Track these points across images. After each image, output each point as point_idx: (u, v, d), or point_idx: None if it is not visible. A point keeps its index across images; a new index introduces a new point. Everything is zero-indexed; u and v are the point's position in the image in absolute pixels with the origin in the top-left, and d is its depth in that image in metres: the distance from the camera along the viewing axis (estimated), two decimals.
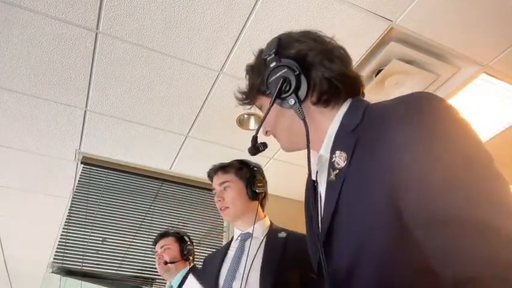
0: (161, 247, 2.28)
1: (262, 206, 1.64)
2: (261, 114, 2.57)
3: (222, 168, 1.66)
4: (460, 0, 1.84)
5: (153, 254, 3.09)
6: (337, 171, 0.74)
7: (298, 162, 2.90)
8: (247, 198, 1.58)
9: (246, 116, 2.58)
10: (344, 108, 0.82)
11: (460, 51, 2.08)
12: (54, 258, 2.80)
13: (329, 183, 0.75)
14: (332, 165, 0.76)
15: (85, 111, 2.52)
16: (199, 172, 3.16)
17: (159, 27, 1.97)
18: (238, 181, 1.60)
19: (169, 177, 3.20)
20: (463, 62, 2.14)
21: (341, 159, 0.74)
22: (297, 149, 0.90)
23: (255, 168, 1.66)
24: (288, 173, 3.05)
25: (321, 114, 0.84)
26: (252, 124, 2.64)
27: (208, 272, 1.60)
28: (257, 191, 1.58)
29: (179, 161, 3.03)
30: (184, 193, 3.27)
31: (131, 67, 2.20)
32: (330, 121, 0.82)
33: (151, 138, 2.79)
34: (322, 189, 0.82)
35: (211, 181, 1.69)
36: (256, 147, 0.93)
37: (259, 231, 1.56)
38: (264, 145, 0.96)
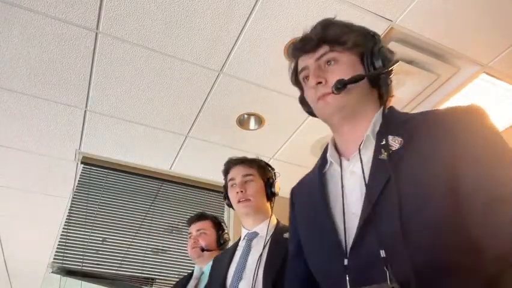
0: (198, 230, 2.11)
1: (271, 208, 1.64)
2: (260, 114, 2.57)
3: (248, 161, 1.64)
4: (460, 0, 1.84)
5: (153, 254, 3.10)
6: (390, 151, 0.79)
7: (298, 162, 2.90)
8: (264, 197, 1.59)
9: (246, 116, 2.58)
10: (380, 108, 0.91)
11: (460, 51, 2.08)
12: (54, 258, 2.80)
13: (379, 161, 0.80)
14: (383, 147, 0.80)
15: (85, 111, 2.52)
16: (199, 172, 3.16)
17: (159, 27, 1.97)
18: (259, 178, 1.61)
19: (169, 177, 3.20)
20: (463, 62, 2.14)
21: (395, 142, 0.80)
22: (334, 109, 0.89)
23: (274, 171, 1.68)
24: (287, 173, 3.04)
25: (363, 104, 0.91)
26: (252, 124, 2.64)
27: (217, 274, 1.59)
28: (275, 191, 1.60)
29: (179, 161, 3.03)
30: (184, 193, 3.27)
31: (131, 67, 2.20)
32: (376, 111, 0.90)
33: (151, 138, 2.79)
34: (355, 170, 0.85)
35: (228, 172, 1.65)
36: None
37: (266, 230, 1.54)
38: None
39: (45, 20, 1.92)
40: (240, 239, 1.64)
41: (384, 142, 0.81)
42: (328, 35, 0.91)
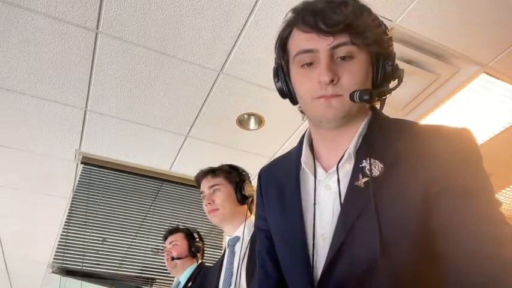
0: (170, 243, 2.28)
1: (250, 210, 1.63)
2: (260, 114, 2.56)
3: (212, 171, 1.66)
4: (460, 0, 1.84)
5: (153, 254, 3.10)
6: (367, 178, 0.72)
7: None
8: (236, 202, 1.59)
9: (246, 116, 2.58)
10: (369, 113, 0.82)
11: (460, 51, 2.08)
12: (54, 258, 2.80)
13: (354, 188, 0.73)
14: (361, 171, 0.73)
15: (85, 111, 2.52)
16: None
17: (159, 27, 1.97)
18: (227, 184, 1.61)
19: (169, 177, 3.20)
20: (463, 62, 2.14)
21: (375, 168, 0.72)
22: (339, 115, 0.76)
23: (244, 173, 1.67)
24: None
25: (359, 110, 0.80)
26: (252, 124, 2.64)
27: (210, 285, 1.62)
28: (246, 194, 1.58)
29: (179, 161, 3.03)
30: (184, 193, 3.27)
31: (131, 67, 2.20)
32: (362, 120, 0.80)
33: (151, 138, 2.79)
34: (331, 186, 0.78)
35: (199, 185, 1.69)
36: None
37: (247, 232, 1.56)
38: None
39: (45, 20, 1.92)
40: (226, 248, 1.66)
41: (363, 164, 0.74)
42: (355, 23, 0.73)
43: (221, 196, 1.58)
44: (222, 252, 1.73)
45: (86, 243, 2.87)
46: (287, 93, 0.85)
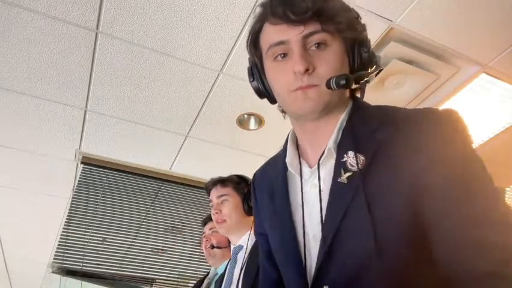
0: (210, 229, 2.13)
1: None
2: (260, 114, 2.56)
3: (221, 181, 1.70)
4: (460, 0, 1.84)
5: (153, 254, 3.10)
6: (350, 173, 0.69)
7: None
8: (243, 213, 1.62)
9: (246, 116, 2.58)
10: (350, 103, 0.80)
11: (460, 51, 2.08)
12: (54, 258, 2.80)
13: (338, 185, 0.70)
14: (343, 166, 0.71)
15: (85, 111, 2.52)
16: (199, 172, 3.15)
17: (159, 27, 1.97)
18: (235, 195, 1.65)
19: (169, 177, 3.20)
20: (463, 62, 2.14)
21: (358, 160, 0.69)
22: (318, 107, 0.74)
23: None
24: None
25: (340, 100, 0.77)
26: (252, 124, 2.64)
27: None
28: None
29: (179, 161, 3.03)
30: (184, 193, 3.27)
31: (131, 67, 2.20)
32: (343, 111, 0.77)
33: (151, 138, 2.79)
34: (314, 186, 0.76)
35: (209, 193, 1.72)
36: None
37: (251, 242, 1.57)
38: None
39: (45, 20, 1.92)
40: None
41: (344, 159, 0.71)
42: (325, 9, 0.71)
43: (228, 206, 1.62)
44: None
45: (86, 243, 2.87)
46: (264, 91, 0.83)
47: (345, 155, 0.71)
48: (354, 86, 0.74)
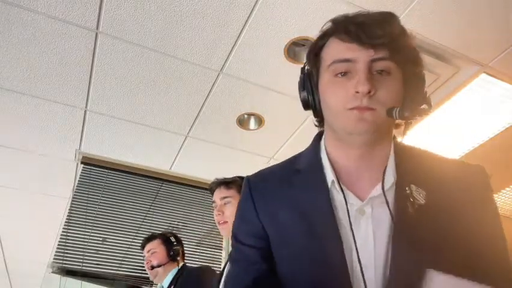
0: (148, 251, 2.29)
1: None
2: (260, 114, 2.56)
3: (225, 183, 1.70)
4: (460, 0, 1.84)
5: None
6: (416, 206, 0.72)
7: None
8: None
9: (246, 116, 2.58)
10: (392, 138, 0.83)
11: (460, 51, 2.08)
12: (54, 258, 2.80)
13: (406, 217, 0.72)
14: (407, 198, 0.73)
15: (85, 111, 2.52)
16: (199, 172, 3.16)
17: (159, 27, 1.97)
18: (239, 197, 1.64)
19: (169, 177, 3.20)
20: (463, 62, 2.14)
21: (419, 194, 0.73)
22: (371, 128, 0.74)
23: None
24: None
25: (387, 132, 0.81)
26: (252, 124, 2.64)
27: None
28: None
29: (179, 161, 3.03)
30: (184, 193, 3.27)
31: (131, 67, 2.20)
32: (389, 144, 0.81)
33: (151, 138, 2.79)
34: (364, 213, 0.75)
35: (212, 193, 1.73)
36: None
37: None
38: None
39: (45, 20, 1.92)
40: None
41: (408, 191, 0.73)
42: (397, 39, 0.74)
43: (231, 209, 1.63)
44: (223, 252, 1.76)
45: (86, 243, 2.87)
46: (312, 104, 0.82)
47: (407, 188, 0.74)
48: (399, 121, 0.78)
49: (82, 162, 2.94)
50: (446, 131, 2.61)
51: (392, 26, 0.75)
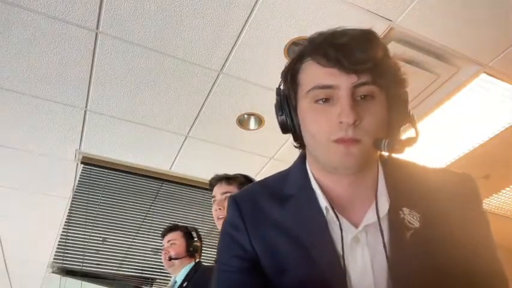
0: (168, 241, 2.28)
1: None
2: (260, 114, 2.56)
3: (226, 179, 1.70)
4: (459, 0, 1.84)
5: (153, 255, 3.10)
6: (412, 231, 0.71)
7: None
8: None
9: (246, 116, 2.58)
10: (377, 156, 0.81)
11: (460, 51, 2.08)
12: (54, 258, 2.81)
13: (402, 244, 0.70)
14: (401, 223, 0.71)
15: (85, 111, 2.52)
16: (199, 172, 3.16)
17: (159, 27, 1.97)
18: None
19: (169, 177, 3.20)
20: (463, 62, 2.14)
21: (413, 218, 0.72)
22: (359, 162, 0.72)
23: None
24: None
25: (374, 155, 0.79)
26: (252, 124, 2.64)
27: None
28: None
29: (179, 161, 3.03)
30: (184, 193, 3.27)
31: (131, 67, 2.20)
32: (375, 165, 0.79)
33: (151, 138, 2.79)
34: (359, 241, 0.73)
35: (212, 189, 1.72)
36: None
37: None
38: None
39: (45, 20, 1.92)
40: None
41: (402, 215, 0.72)
42: (379, 63, 0.69)
43: None
44: None
45: (86, 243, 2.87)
46: (291, 128, 0.79)
47: (400, 212, 0.72)
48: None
49: (82, 162, 2.94)
50: (446, 131, 2.61)
51: (374, 48, 0.70)
